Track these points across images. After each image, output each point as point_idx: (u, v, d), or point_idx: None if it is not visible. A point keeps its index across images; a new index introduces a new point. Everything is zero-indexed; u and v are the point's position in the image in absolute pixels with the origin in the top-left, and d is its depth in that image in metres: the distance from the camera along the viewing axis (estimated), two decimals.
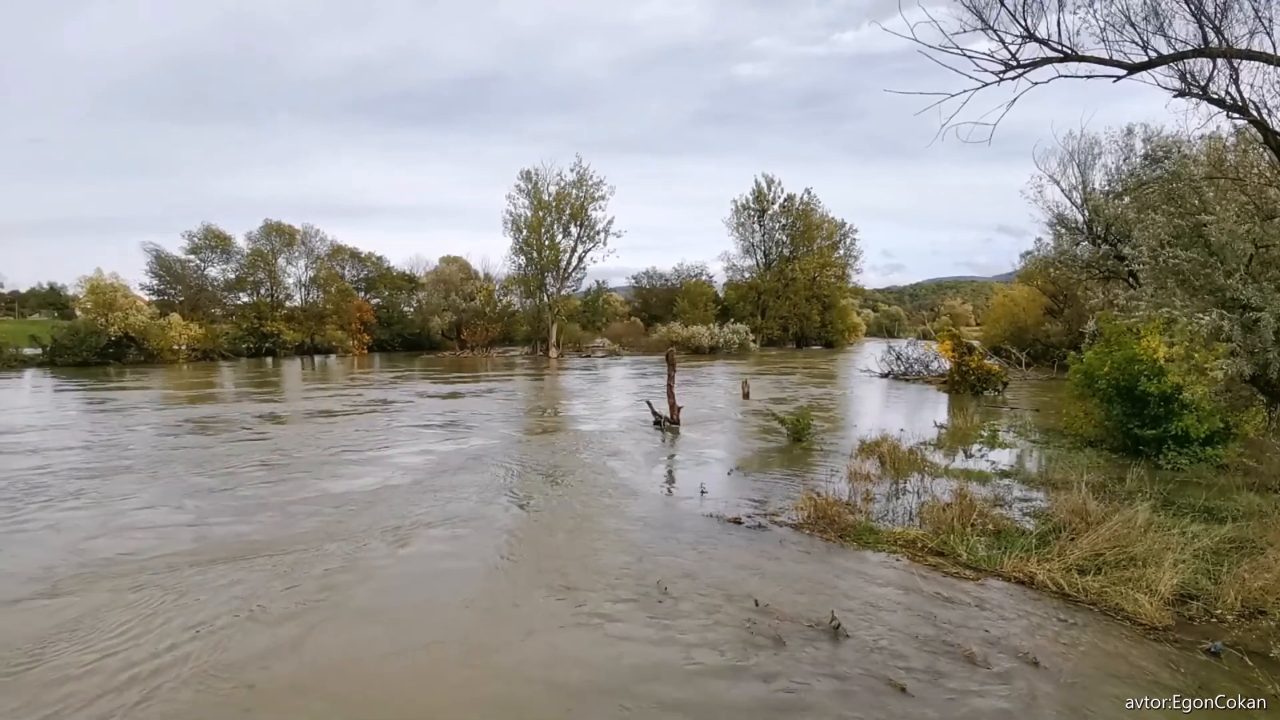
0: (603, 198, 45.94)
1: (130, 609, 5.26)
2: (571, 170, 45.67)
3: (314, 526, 7.44)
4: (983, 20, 7.22)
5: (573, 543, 6.99)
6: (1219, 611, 4.98)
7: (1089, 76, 7.36)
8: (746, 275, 63.18)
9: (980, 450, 11.26)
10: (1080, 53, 7.26)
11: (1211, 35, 7.06)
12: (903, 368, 27.73)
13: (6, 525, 7.53)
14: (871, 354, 36.37)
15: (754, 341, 53.11)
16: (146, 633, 4.86)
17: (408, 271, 56.34)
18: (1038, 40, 7.24)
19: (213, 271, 46.03)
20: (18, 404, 19.29)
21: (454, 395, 21.34)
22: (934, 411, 17.25)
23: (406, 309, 54.12)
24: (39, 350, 33.62)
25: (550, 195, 45.58)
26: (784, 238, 62.24)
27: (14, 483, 9.39)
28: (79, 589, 5.68)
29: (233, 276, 46.41)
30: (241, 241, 46.34)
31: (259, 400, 20.41)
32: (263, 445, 12.50)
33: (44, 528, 7.45)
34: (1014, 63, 7.23)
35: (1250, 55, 7.04)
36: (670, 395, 14.60)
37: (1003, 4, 7.15)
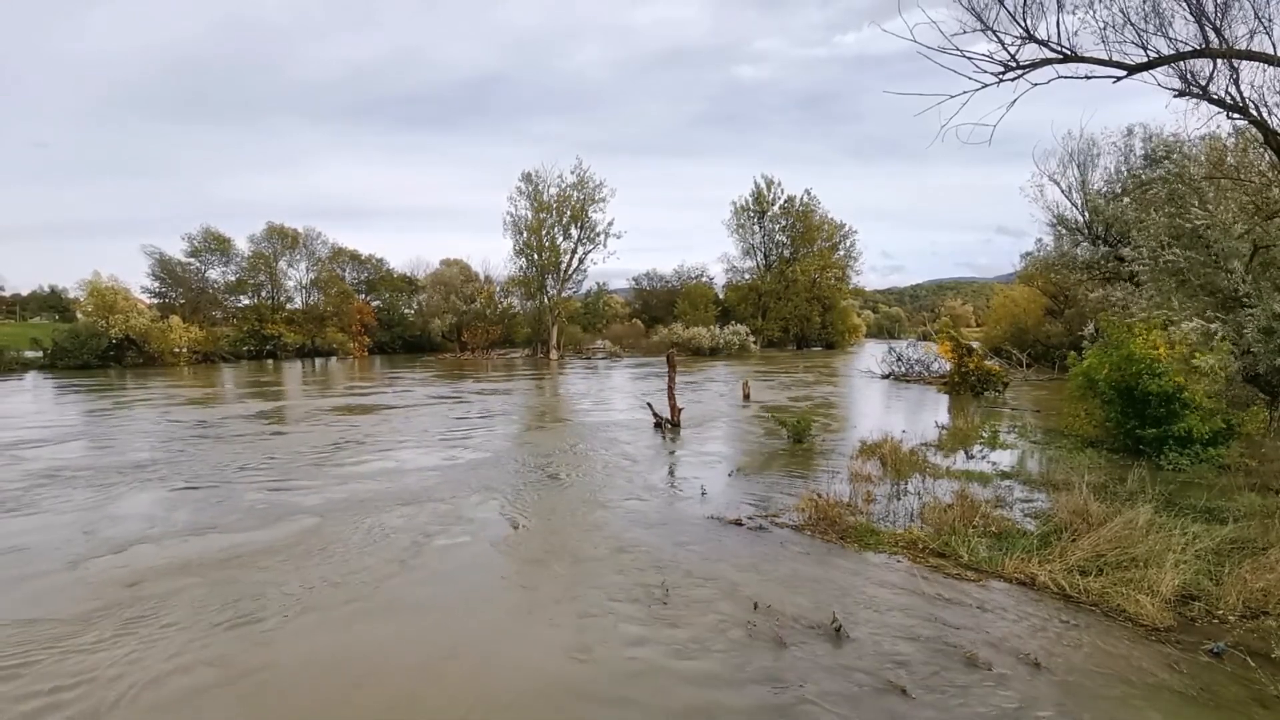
0: (603, 199, 46.00)
1: (369, 521, 7.72)
2: (572, 172, 45.75)
3: (442, 483, 9.62)
4: (982, 21, 7.24)
5: (573, 544, 6.98)
6: (1221, 612, 4.97)
7: (1089, 77, 7.36)
8: (747, 276, 63.22)
9: (981, 451, 11.25)
10: (1080, 53, 7.26)
11: (1211, 35, 7.06)
12: (903, 369, 27.72)
13: (228, 476, 10.02)
14: (872, 355, 36.35)
15: (755, 343, 53.09)
16: (373, 534, 7.26)
17: (408, 273, 56.48)
18: (1037, 41, 7.25)
19: (213, 274, 46.14)
20: (99, 406, 19.50)
21: (496, 393, 21.45)
22: (934, 412, 17.24)
23: (407, 311, 54.14)
24: (40, 353, 33.65)
25: (550, 197, 45.61)
26: (784, 239, 62.24)
27: (176, 459, 11.24)
28: (319, 514, 8.05)
29: (233, 279, 46.48)
30: (243, 244, 46.49)
31: (316, 397, 21.83)
32: (358, 431, 14.37)
33: (266, 487, 9.46)
34: (1014, 64, 7.24)
35: (1250, 56, 7.04)
36: (671, 396, 14.59)
37: (1002, 5, 7.16)
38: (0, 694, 4.14)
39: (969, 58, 7.18)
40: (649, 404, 15.42)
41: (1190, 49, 7.18)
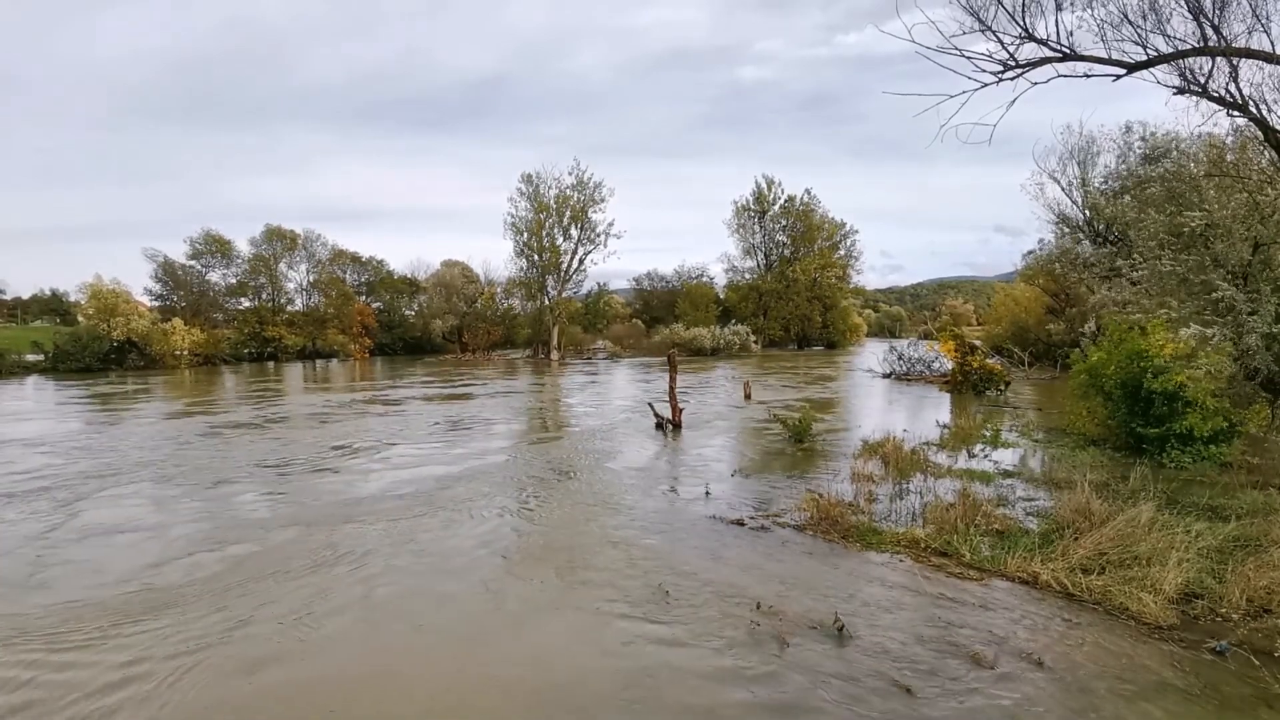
0: (603, 200, 45.92)
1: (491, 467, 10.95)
2: (571, 173, 45.67)
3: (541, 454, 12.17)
4: (981, 21, 7.22)
5: (575, 542, 6.99)
6: (1224, 610, 4.97)
7: (1088, 76, 7.35)
8: (747, 276, 63.04)
9: (983, 450, 11.24)
10: (1079, 52, 7.25)
11: (1210, 33, 7.06)
12: (905, 368, 27.70)
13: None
14: (873, 354, 36.31)
15: (756, 343, 53.05)
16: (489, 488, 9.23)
17: (409, 275, 56.42)
18: (1036, 40, 7.24)
19: (213, 276, 46.13)
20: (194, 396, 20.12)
21: (499, 394, 21.51)
22: (936, 411, 17.22)
23: (408, 312, 54.10)
24: (41, 356, 33.68)
25: (550, 198, 45.56)
26: (784, 239, 62.07)
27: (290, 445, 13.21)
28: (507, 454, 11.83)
29: (234, 281, 46.48)
30: (243, 246, 46.46)
31: (379, 389, 24.49)
32: (444, 413, 17.26)
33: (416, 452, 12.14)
34: (1013, 63, 7.23)
35: (1249, 53, 7.04)
36: (672, 397, 14.59)
37: (1000, 4, 7.15)
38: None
39: (968, 57, 7.18)
40: (650, 404, 15.42)
41: (1189, 47, 7.17)
